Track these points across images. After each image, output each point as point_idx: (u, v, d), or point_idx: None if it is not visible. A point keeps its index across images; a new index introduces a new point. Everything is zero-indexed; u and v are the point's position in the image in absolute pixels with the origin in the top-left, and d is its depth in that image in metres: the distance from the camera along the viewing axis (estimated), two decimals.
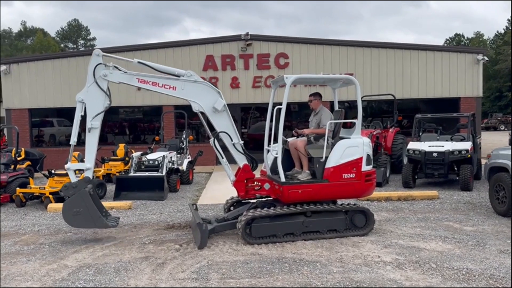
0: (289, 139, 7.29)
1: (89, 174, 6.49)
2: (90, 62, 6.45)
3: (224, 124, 6.73)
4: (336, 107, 7.53)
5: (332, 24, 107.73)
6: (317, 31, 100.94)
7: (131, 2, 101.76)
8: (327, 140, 6.57)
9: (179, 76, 6.61)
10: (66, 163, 6.61)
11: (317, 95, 7.37)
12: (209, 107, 6.62)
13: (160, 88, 6.57)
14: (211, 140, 6.87)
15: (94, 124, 6.45)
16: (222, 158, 6.87)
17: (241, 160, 6.86)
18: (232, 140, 6.76)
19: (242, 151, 6.85)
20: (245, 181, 6.88)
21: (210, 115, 6.66)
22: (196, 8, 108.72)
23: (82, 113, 6.46)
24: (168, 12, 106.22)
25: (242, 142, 6.91)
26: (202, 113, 6.70)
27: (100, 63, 6.47)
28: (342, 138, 6.81)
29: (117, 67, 6.56)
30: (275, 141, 6.59)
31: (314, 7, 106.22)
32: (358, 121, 6.83)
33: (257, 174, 7.09)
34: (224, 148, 6.88)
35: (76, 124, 6.46)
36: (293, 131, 7.51)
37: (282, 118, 6.38)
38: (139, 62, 6.70)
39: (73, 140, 6.49)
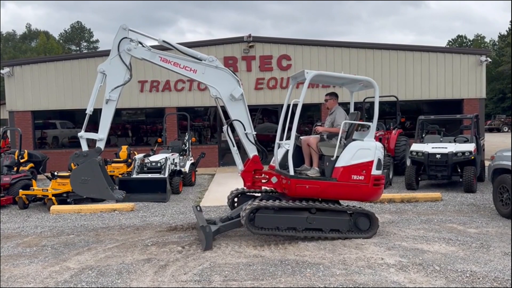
0: (301, 136, 7.32)
1: (101, 144, 6.50)
2: (116, 35, 6.53)
3: (239, 112, 6.81)
4: (352, 110, 7.55)
5: (330, 24, 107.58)
6: (316, 31, 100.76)
7: (125, 3, 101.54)
8: (340, 140, 6.58)
9: (201, 60, 6.67)
10: (79, 151, 6.59)
11: (333, 94, 7.40)
12: (227, 94, 6.71)
13: (181, 69, 6.65)
14: (224, 127, 6.97)
15: (112, 96, 6.49)
16: (233, 146, 6.95)
17: (252, 151, 6.92)
18: (245, 130, 6.82)
19: (254, 142, 6.89)
20: (253, 172, 6.94)
21: (227, 102, 6.74)
22: (191, 9, 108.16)
23: (101, 84, 6.52)
24: (162, 12, 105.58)
25: (255, 133, 6.95)
26: (219, 100, 6.80)
27: (126, 37, 6.53)
28: (355, 140, 6.82)
29: (141, 43, 6.62)
30: (288, 138, 6.63)
31: (311, 7, 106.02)
32: (373, 125, 6.80)
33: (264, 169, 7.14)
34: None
35: (94, 94, 6.49)
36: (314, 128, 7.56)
37: (298, 112, 6.42)
38: (164, 42, 6.81)
39: (89, 110, 6.51)
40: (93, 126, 7.98)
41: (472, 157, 10.55)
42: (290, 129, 6.69)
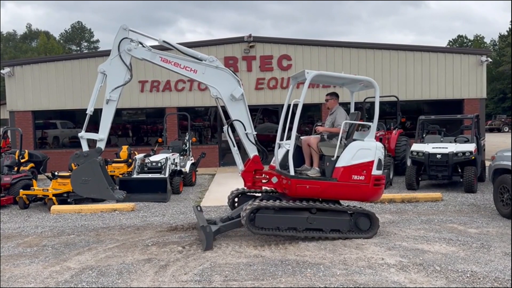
0: (302, 136, 7.32)
1: (101, 145, 6.50)
2: (116, 35, 6.53)
3: (239, 113, 6.81)
4: (352, 110, 7.55)
5: (330, 24, 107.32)
6: (315, 32, 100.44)
7: (125, 3, 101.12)
8: (341, 140, 6.58)
9: (201, 60, 6.68)
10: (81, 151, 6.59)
11: (334, 94, 7.41)
12: (227, 94, 6.71)
13: (182, 70, 6.67)
14: (225, 127, 6.98)
15: (113, 96, 6.50)
16: (234, 146, 6.96)
17: (252, 151, 6.93)
18: (245, 130, 6.82)
19: (254, 142, 6.90)
20: (253, 172, 6.94)
21: (227, 102, 6.74)
22: (190, 9, 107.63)
23: (102, 84, 6.53)
24: (162, 12, 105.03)
25: (255, 133, 6.95)
26: (219, 100, 6.80)
27: (126, 38, 6.54)
28: (355, 140, 6.82)
29: (141, 44, 6.63)
30: (288, 138, 6.63)
31: (311, 7, 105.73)
32: (374, 125, 6.80)
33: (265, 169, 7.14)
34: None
35: (94, 94, 6.49)
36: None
37: (298, 112, 6.42)
38: (164, 42, 6.82)
39: (90, 110, 6.51)
40: (94, 126, 7.97)
41: (473, 157, 10.54)
42: (290, 129, 6.69)
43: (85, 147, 6.48)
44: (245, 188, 7.26)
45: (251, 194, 7.53)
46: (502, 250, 5.90)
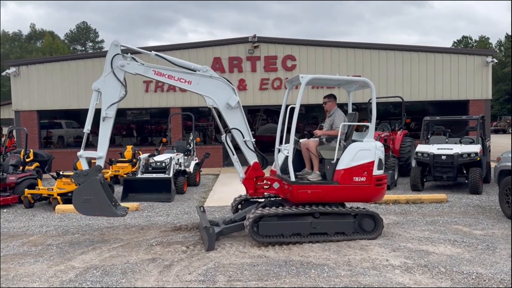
0: (301, 140, 7.28)
1: (100, 162, 6.50)
2: (108, 52, 6.52)
3: (236, 120, 6.78)
4: (350, 110, 7.51)
5: (332, 25, 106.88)
6: (317, 32, 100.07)
7: (125, 3, 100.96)
8: (339, 142, 6.54)
9: (195, 71, 6.67)
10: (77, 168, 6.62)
11: (332, 96, 7.37)
12: (223, 103, 6.68)
13: (176, 82, 6.65)
14: (223, 136, 6.94)
15: (109, 113, 6.49)
16: (233, 155, 6.92)
17: (252, 158, 6.89)
18: (243, 137, 6.79)
19: (253, 149, 6.87)
20: (254, 179, 6.91)
21: (224, 111, 6.71)
22: (190, 8, 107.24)
23: (97, 102, 6.51)
24: (163, 12, 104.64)
25: (254, 140, 6.92)
26: (215, 108, 6.76)
27: (118, 53, 6.52)
28: (354, 141, 6.78)
29: (134, 59, 6.62)
30: (287, 141, 6.59)
31: (313, 7, 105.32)
32: (372, 125, 6.76)
33: (266, 174, 7.10)
34: (236, 146, 6.92)
35: (90, 112, 6.49)
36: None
37: (295, 118, 6.39)
38: (156, 55, 6.80)
39: (87, 128, 6.51)
40: (96, 126, 7.98)
41: (478, 158, 10.49)
42: (289, 130, 6.64)
43: (84, 165, 6.48)
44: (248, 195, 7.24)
45: (254, 200, 7.48)
46: (508, 252, 5.87)
